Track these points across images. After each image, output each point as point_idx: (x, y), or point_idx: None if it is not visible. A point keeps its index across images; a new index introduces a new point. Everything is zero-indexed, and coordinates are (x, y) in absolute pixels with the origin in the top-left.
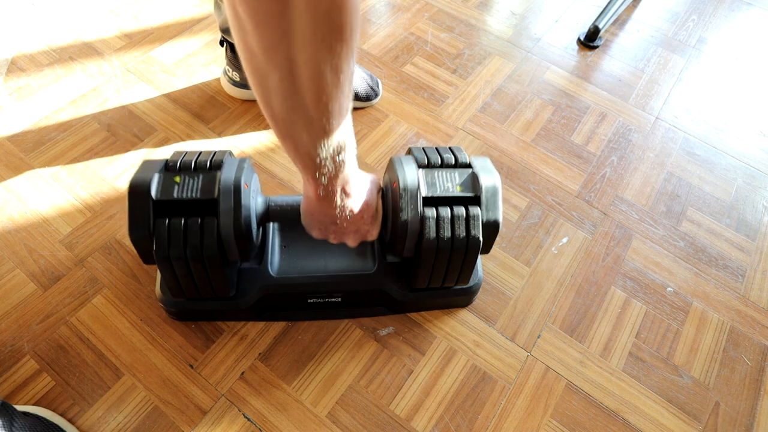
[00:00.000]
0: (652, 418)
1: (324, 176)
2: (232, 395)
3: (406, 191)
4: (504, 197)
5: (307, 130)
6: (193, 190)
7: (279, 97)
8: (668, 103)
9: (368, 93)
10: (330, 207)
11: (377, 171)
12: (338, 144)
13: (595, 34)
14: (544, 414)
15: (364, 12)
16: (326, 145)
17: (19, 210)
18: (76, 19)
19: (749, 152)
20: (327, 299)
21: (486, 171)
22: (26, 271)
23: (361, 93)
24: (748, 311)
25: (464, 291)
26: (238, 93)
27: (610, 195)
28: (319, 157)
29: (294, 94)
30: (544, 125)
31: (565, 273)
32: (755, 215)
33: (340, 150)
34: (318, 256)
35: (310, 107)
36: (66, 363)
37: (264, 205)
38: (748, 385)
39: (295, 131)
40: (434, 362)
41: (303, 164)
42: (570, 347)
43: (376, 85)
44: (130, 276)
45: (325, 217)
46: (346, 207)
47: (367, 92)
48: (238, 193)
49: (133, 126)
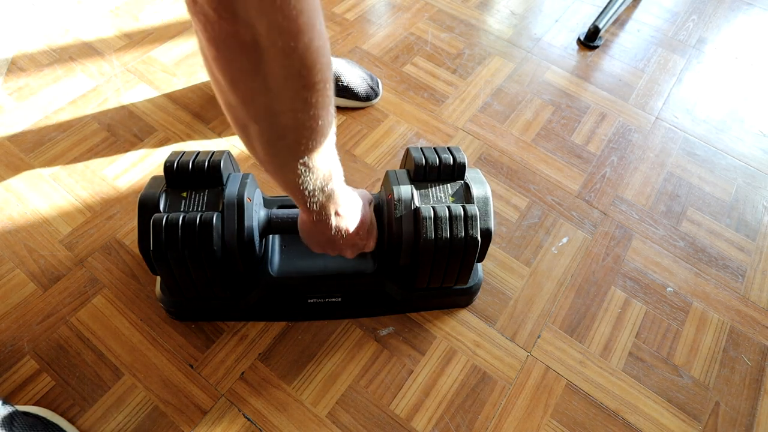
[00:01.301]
0: (652, 418)
1: (315, 204)
2: (232, 395)
3: (401, 202)
4: (504, 197)
5: (293, 171)
6: (199, 204)
7: (261, 144)
8: (668, 103)
9: (368, 93)
10: (326, 228)
11: (377, 171)
12: (324, 176)
13: (595, 34)
14: (544, 414)
15: (365, 12)
16: (313, 179)
17: (19, 210)
18: (76, 19)
19: (749, 152)
20: (327, 299)
21: (477, 182)
22: (26, 271)
23: (361, 93)
24: (748, 311)
25: (464, 291)
26: None
27: (610, 195)
28: (307, 191)
29: (276, 141)
30: (544, 125)
31: (565, 273)
32: (755, 215)
33: (327, 181)
34: (318, 256)
35: (292, 151)
36: (66, 363)
37: (266, 217)
38: (748, 385)
39: (281, 172)
40: (434, 362)
41: (293, 196)
42: (570, 347)
43: (377, 85)
44: (130, 276)
45: (321, 237)
46: (340, 227)
47: (367, 92)
48: (242, 207)
49: (133, 126)
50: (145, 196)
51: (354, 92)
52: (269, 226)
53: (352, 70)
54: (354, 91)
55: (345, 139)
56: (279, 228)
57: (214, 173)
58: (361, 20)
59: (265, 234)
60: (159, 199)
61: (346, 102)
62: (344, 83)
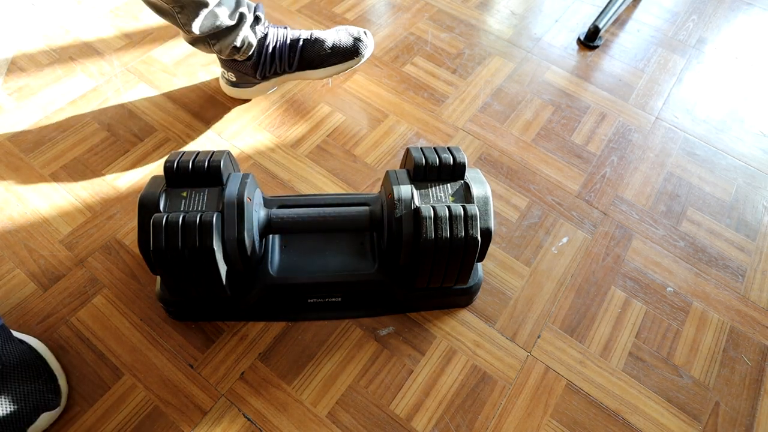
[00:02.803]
0: (652, 418)
1: None
2: (232, 395)
3: (401, 202)
4: (504, 197)
5: None
6: (198, 204)
7: None
8: (668, 103)
9: (356, 44)
10: None
11: (377, 171)
12: None
13: (595, 34)
14: (544, 414)
15: (365, 12)
16: None
17: (19, 210)
18: (76, 19)
19: (749, 152)
20: (327, 299)
21: (477, 182)
22: (26, 271)
23: (347, 47)
24: (748, 311)
25: (464, 291)
26: (236, 93)
27: (610, 195)
28: None
29: None
30: (544, 125)
31: (565, 273)
32: (755, 215)
33: None
34: (318, 256)
35: None
36: (66, 363)
37: (266, 217)
38: (748, 385)
39: None
40: (434, 362)
41: None
42: (570, 347)
43: (364, 34)
44: (130, 276)
45: None
46: None
47: (354, 44)
48: (242, 207)
49: (133, 126)
50: (145, 196)
51: (341, 49)
52: (269, 226)
53: (335, 30)
54: (340, 48)
55: (345, 139)
56: (279, 228)
57: (214, 173)
58: (361, 20)
59: (265, 234)
60: (159, 199)
61: (339, 67)
62: (330, 45)
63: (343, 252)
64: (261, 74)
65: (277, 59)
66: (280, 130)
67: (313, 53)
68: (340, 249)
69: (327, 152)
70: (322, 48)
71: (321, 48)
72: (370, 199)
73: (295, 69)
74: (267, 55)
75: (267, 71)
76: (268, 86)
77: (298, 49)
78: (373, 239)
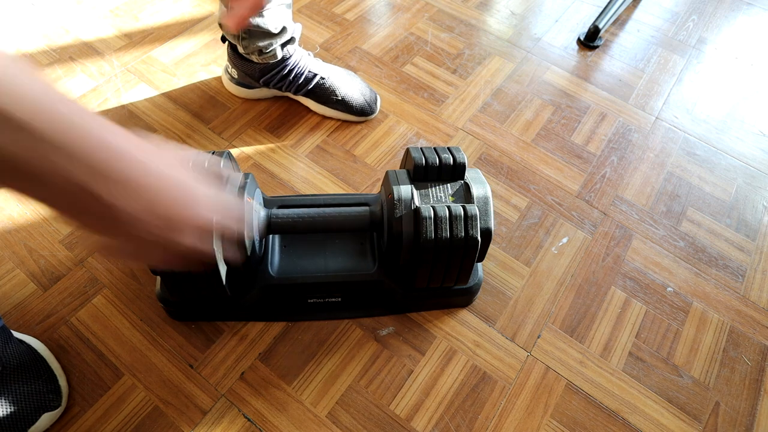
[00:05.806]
0: (652, 418)
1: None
2: (232, 395)
3: (401, 202)
4: (504, 197)
5: None
6: None
7: None
8: (668, 103)
9: (363, 108)
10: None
11: (377, 171)
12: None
13: (595, 34)
14: (544, 414)
15: (365, 12)
16: None
17: (19, 210)
18: (76, 19)
19: (749, 152)
20: (327, 299)
21: (477, 182)
22: (26, 271)
23: (355, 107)
24: (748, 311)
25: (464, 291)
26: (238, 91)
27: (610, 195)
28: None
29: None
30: (544, 125)
31: (565, 273)
32: (755, 215)
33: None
34: (318, 256)
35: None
36: (66, 363)
37: (266, 217)
38: (748, 385)
39: None
40: (434, 362)
41: None
42: (570, 347)
43: (374, 101)
44: (130, 276)
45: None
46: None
47: (362, 107)
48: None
49: (133, 126)
50: None
51: (349, 105)
52: (269, 226)
53: (352, 82)
54: (349, 104)
55: (345, 139)
56: (279, 228)
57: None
58: (361, 20)
59: (265, 234)
60: None
61: (340, 114)
62: (340, 97)
63: (343, 252)
64: (265, 83)
65: (287, 81)
66: (280, 130)
67: (321, 93)
68: (340, 249)
69: (327, 152)
70: (333, 94)
71: (332, 93)
72: (370, 199)
73: (299, 95)
74: (280, 73)
75: (272, 84)
76: (267, 93)
77: (311, 85)
78: (373, 239)
